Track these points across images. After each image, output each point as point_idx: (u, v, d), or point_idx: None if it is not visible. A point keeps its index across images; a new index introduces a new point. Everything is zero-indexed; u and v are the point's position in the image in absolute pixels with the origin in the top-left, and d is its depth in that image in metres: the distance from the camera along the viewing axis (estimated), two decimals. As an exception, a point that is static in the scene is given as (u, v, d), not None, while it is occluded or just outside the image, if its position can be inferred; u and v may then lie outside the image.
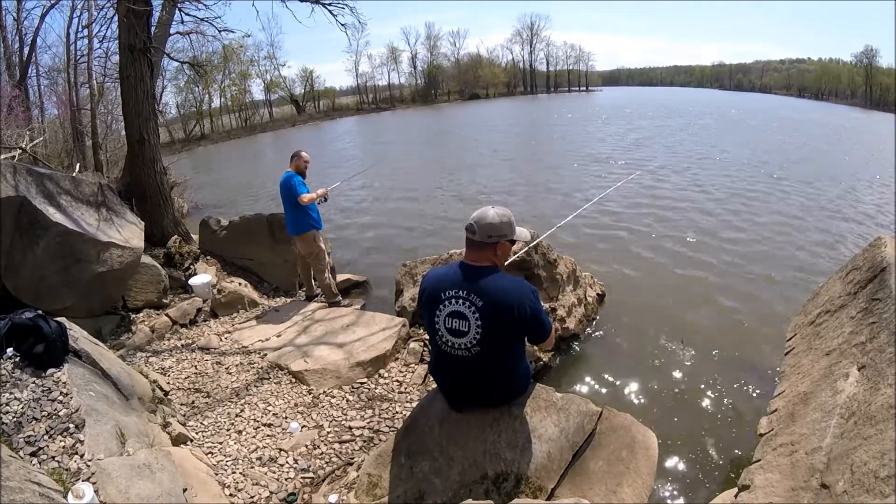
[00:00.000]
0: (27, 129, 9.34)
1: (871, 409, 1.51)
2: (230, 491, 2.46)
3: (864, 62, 54.46)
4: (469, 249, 1.89)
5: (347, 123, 38.90)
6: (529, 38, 65.62)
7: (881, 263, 2.15)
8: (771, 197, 9.47)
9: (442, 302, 1.83)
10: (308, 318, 4.36)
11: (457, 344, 1.84)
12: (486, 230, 1.83)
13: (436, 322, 1.86)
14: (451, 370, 1.96)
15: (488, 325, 1.79)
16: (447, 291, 1.83)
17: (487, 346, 1.81)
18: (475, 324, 1.79)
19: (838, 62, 62.58)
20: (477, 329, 1.79)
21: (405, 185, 11.83)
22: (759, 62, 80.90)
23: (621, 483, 1.84)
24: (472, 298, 1.79)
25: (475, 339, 1.80)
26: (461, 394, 2.02)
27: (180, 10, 6.43)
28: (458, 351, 1.85)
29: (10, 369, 2.14)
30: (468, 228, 1.85)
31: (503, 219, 1.85)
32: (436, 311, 1.85)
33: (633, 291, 5.39)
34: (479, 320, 1.78)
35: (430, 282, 1.93)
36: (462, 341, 1.82)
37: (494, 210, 1.86)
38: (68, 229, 3.75)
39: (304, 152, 4.55)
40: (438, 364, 2.03)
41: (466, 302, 1.80)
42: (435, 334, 1.90)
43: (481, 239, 1.84)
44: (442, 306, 1.84)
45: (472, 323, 1.79)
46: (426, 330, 2.08)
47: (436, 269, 2.03)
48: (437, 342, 1.91)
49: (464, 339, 1.82)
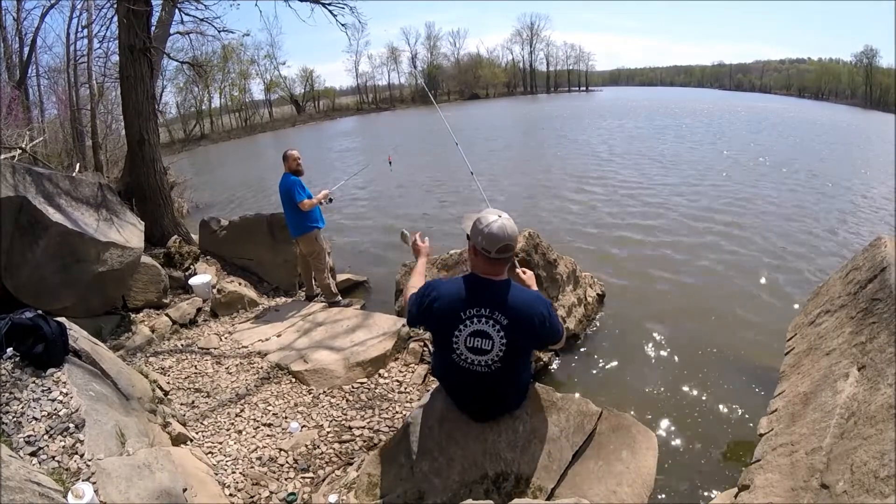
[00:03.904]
0: (27, 129, 9.33)
1: (871, 409, 1.51)
2: (230, 491, 2.46)
3: (864, 62, 54.43)
4: (496, 268, 1.77)
5: (347, 123, 38.88)
6: (529, 38, 65.66)
7: (881, 263, 2.15)
8: (771, 197, 9.47)
9: (462, 322, 1.76)
10: (308, 319, 4.36)
11: (477, 361, 1.79)
12: (514, 244, 1.75)
13: (454, 342, 1.79)
14: (463, 383, 1.92)
15: (512, 341, 1.75)
16: (468, 311, 1.76)
17: (508, 360, 1.78)
18: (500, 342, 1.75)
19: (838, 62, 62.56)
20: (501, 346, 1.75)
21: (405, 185, 11.83)
22: (759, 62, 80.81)
23: (621, 483, 1.84)
24: (496, 317, 1.74)
25: (498, 356, 1.76)
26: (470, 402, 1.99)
27: (180, 11, 6.45)
28: (477, 367, 1.80)
29: (10, 369, 2.14)
30: (504, 251, 1.72)
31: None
32: (454, 332, 1.78)
33: (633, 291, 5.39)
34: (504, 338, 1.74)
35: (443, 300, 1.81)
36: (484, 359, 1.78)
37: (507, 219, 1.74)
38: (68, 229, 3.75)
39: (292, 151, 4.48)
40: (449, 374, 1.96)
41: (490, 321, 1.74)
42: (451, 352, 1.82)
43: (507, 256, 1.75)
44: (463, 326, 1.76)
45: (497, 341, 1.75)
46: (434, 341, 1.99)
47: (444, 283, 1.89)
48: (453, 358, 1.83)
49: (486, 357, 1.77)
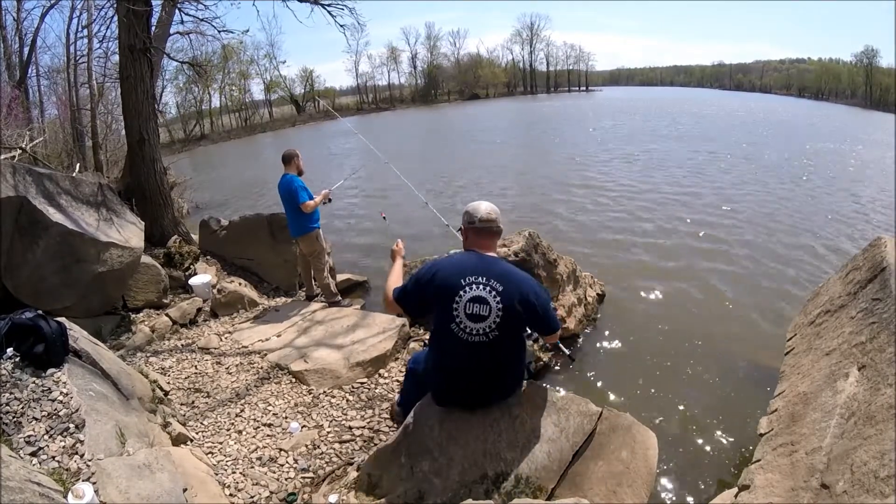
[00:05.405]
0: (27, 130, 9.32)
1: (871, 409, 1.51)
2: (230, 491, 2.46)
3: (864, 62, 54.41)
4: (485, 240, 2.02)
5: (348, 123, 38.77)
6: (529, 38, 65.64)
7: (881, 263, 2.15)
8: (771, 197, 9.47)
9: (462, 288, 1.89)
10: (308, 319, 4.36)
11: (475, 329, 1.88)
12: (498, 220, 2.04)
13: (454, 308, 1.90)
14: (461, 360, 1.95)
15: (509, 308, 1.87)
16: (467, 278, 1.90)
17: (503, 330, 1.88)
18: (496, 307, 1.87)
19: (838, 62, 62.54)
20: (498, 312, 1.87)
21: (405, 185, 11.80)
22: (759, 62, 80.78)
23: (621, 483, 1.84)
24: (492, 283, 1.88)
25: (495, 323, 1.87)
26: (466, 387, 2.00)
27: (180, 11, 6.44)
28: (476, 337, 1.89)
29: (10, 369, 2.14)
30: (487, 220, 2.01)
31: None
32: (454, 298, 1.90)
33: (633, 291, 5.39)
34: (500, 304, 1.87)
35: (445, 271, 1.96)
36: (481, 326, 1.88)
37: (486, 202, 2.07)
38: (68, 229, 3.74)
39: (296, 151, 4.50)
40: (447, 357, 2.00)
41: (487, 287, 1.88)
42: (450, 322, 1.91)
43: (498, 229, 2.04)
44: (462, 292, 1.89)
45: (494, 307, 1.87)
46: (434, 320, 2.02)
47: (443, 259, 2.07)
48: (453, 329, 1.91)
49: (483, 324, 1.88)
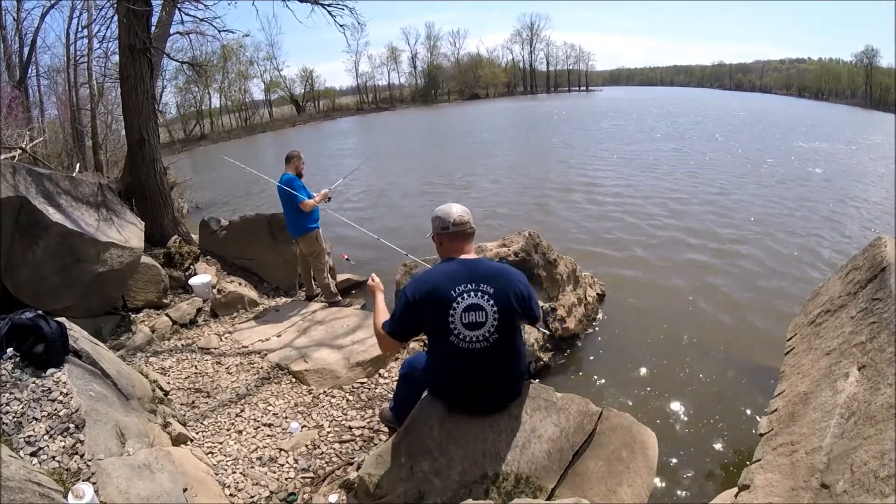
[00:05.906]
0: (27, 130, 9.31)
1: (871, 409, 1.51)
2: (230, 491, 2.46)
3: (864, 62, 54.41)
4: (461, 244, 2.00)
5: (347, 123, 38.87)
6: (529, 38, 65.64)
7: (881, 263, 2.15)
8: (771, 196, 9.47)
9: (454, 300, 1.86)
10: (308, 319, 4.36)
11: (474, 337, 1.87)
12: (471, 222, 2.04)
13: (450, 321, 1.86)
14: (462, 364, 1.93)
15: (503, 309, 1.86)
16: (457, 288, 1.87)
17: (502, 331, 1.88)
18: (492, 311, 1.86)
19: (838, 62, 62.54)
20: (494, 315, 1.86)
21: (405, 184, 11.82)
22: (759, 62, 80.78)
23: (621, 483, 1.84)
24: (482, 287, 1.87)
25: (493, 326, 1.86)
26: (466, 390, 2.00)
27: (180, 11, 6.43)
28: (476, 344, 1.87)
29: (10, 369, 2.14)
30: (461, 224, 1.99)
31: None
32: (448, 311, 1.86)
33: (634, 291, 5.39)
34: (495, 306, 1.86)
35: (433, 284, 1.90)
36: (480, 332, 1.86)
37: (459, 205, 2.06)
38: (68, 229, 3.74)
39: (298, 152, 4.53)
40: (447, 364, 1.98)
41: (478, 292, 1.86)
42: (448, 335, 1.87)
43: (472, 230, 2.03)
44: (455, 304, 1.86)
45: (489, 311, 1.86)
46: (430, 334, 2.01)
47: (425, 274, 1.99)
48: (452, 342, 1.88)
49: (481, 331, 1.86)
